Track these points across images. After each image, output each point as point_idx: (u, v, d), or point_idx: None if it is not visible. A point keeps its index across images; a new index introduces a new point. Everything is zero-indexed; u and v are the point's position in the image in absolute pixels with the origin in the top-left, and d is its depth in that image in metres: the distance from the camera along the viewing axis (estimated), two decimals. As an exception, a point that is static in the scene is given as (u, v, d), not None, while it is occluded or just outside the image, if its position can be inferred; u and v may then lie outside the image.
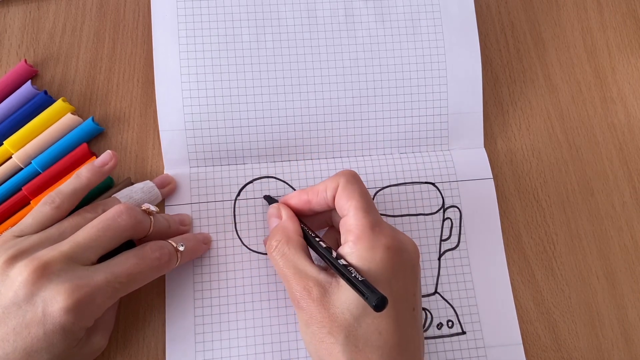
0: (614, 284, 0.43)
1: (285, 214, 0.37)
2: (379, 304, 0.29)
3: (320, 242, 0.35)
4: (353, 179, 0.36)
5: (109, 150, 0.38)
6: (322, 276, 0.33)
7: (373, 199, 0.42)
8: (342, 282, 0.32)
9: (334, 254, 0.33)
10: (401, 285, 0.33)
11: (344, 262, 0.32)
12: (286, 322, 0.39)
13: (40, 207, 0.35)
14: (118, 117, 0.43)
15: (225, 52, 0.42)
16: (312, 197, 0.37)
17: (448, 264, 0.41)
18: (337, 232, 0.37)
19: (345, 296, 0.32)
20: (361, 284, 0.30)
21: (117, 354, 0.38)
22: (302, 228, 0.37)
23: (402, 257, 0.34)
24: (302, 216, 0.38)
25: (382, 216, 0.41)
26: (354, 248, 0.33)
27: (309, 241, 0.36)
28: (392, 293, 0.32)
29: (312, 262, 0.35)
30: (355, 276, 0.31)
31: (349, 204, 0.34)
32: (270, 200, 0.40)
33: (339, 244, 0.38)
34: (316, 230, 0.38)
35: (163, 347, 0.38)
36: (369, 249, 0.33)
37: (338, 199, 0.35)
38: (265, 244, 0.39)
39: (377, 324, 0.32)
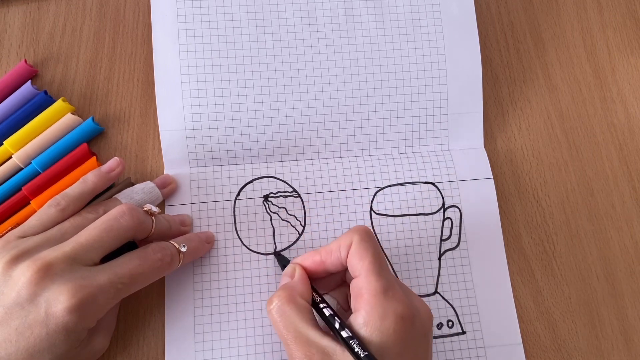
0: (614, 284, 0.43)
1: (298, 274, 0.35)
2: None
3: (325, 310, 0.34)
4: (367, 236, 0.34)
5: (116, 157, 0.39)
6: (325, 342, 0.31)
7: (373, 199, 0.42)
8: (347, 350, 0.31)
9: (337, 323, 0.32)
10: (412, 356, 0.32)
11: (348, 334, 0.31)
12: (286, 322, 0.39)
13: (46, 209, 0.35)
14: (118, 117, 0.43)
15: (225, 52, 0.42)
16: (326, 258, 0.35)
17: (448, 263, 0.41)
18: (348, 289, 0.36)
19: None
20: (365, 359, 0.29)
21: (117, 354, 0.38)
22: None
23: (415, 325, 0.32)
24: (315, 277, 0.36)
25: (383, 216, 0.41)
26: (366, 318, 0.31)
27: (315, 306, 0.34)
28: None
29: (316, 325, 0.33)
30: (357, 351, 0.30)
31: (360, 264, 0.33)
32: (280, 258, 0.39)
33: (348, 301, 0.37)
34: (331, 290, 0.37)
35: (163, 347, 0.38)
36: (381, 318, 0.31)
37: (350, 258, 0.34)
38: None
39: None
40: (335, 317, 0.33)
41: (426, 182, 0.43)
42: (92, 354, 0.34)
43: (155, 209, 0.37)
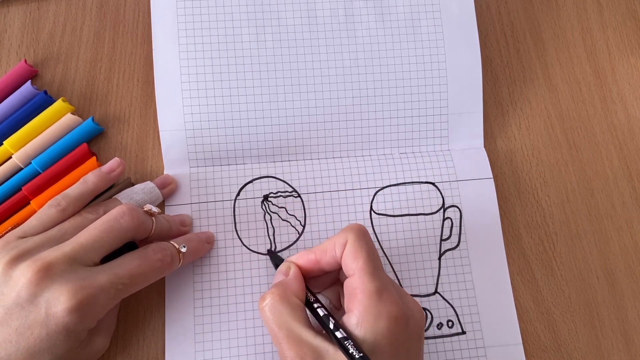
0: (614, 284, 0.43)
1: (292, 273, 0.35)
2: None
3: (319, 310, 0.33)
4: (362, 236, 0.34)
5: (116, 157, 0.39)
6: (318, 342, 0.31)
7: (373, 199, 0.42)
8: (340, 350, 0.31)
9: (332, 324, 0.32)
10: (405, 357, 0.32)
11: (343, 335, 0.31)
12: (286, 322, 0.39)
13: (46, 210, 0.35)
14: (118, 117, 0.43)
15: (225, 52, 0.42)
16: (321, 257, 0.35)
17: (448, 263, 0.41)
18: (341, 287, 0.36)
19: None
20: None
21: (117, 354, 0.38)
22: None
23: (408, 326, 0.32)
24: (310, 276, 0.36)
25: (383, 216, 0.41)
26: (360, 318, 0.31)
27: (309, 305, 0.34)
28: None
29: (308, 324, 0.32)
30: (352, 352, 0.30)
31: (355, 264, 0.33)
32: (274, 257, 0.39)
33: (340, 299, 0.37)
34: (325, 289, 0.37)
35: (163, 347, 0.38)
36: (375, 319, 0.31)
37: (345, 257, 0.33)
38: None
39: None
40: (330, 318, 0.32)
41: (426, 182, 0.43)
42: (92, 354, 0.34)
43: (155, 209, 0.37)
